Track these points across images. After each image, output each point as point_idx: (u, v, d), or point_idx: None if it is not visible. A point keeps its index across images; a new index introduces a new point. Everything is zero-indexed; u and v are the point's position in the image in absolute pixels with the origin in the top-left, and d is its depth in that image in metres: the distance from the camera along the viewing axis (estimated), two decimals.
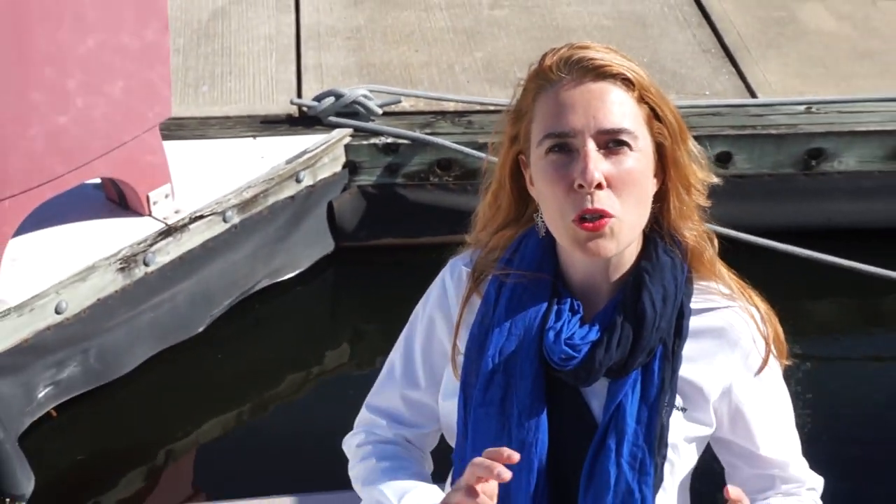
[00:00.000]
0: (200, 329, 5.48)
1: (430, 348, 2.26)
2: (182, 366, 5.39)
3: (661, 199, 2.07)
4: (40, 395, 5.00)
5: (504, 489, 2.04)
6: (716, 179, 2.11)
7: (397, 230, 5.80)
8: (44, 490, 4.78)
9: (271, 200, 5.61)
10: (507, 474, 1.86)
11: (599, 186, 1.93)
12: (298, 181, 5.69)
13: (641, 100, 1.98)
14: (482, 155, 5.55)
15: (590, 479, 2.03)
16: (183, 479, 5.19)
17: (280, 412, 5.36)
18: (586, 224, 1.95)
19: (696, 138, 2.07)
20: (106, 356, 5.16)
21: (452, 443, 2.23)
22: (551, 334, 2.03)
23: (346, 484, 4.11)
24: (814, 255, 5.50)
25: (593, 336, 2.02)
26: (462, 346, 2.15)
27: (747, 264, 2.30)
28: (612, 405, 2.03)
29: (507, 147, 2.09)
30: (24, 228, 4.95)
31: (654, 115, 2.00)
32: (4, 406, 4.80)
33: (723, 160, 5.84)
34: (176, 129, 5.74)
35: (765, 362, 2.11)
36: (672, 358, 2.04)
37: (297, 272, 5.84)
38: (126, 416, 5.22)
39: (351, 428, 2.53)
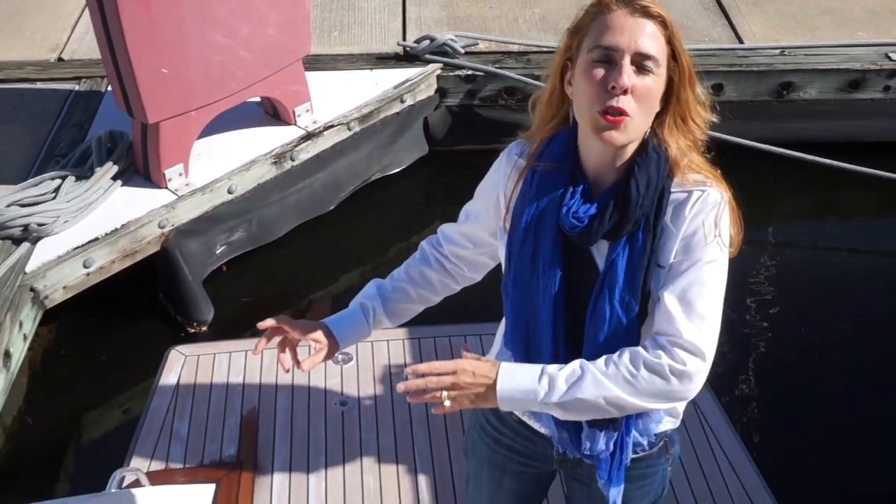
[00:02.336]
0: (331, 207, 5.51)
1: (485, 202, 2.28)
2: (318, 234, 5.42)
3: (659, 118, 2.04)
4: (217, 252, 5.10)
5: (534, 318, 2.11)
6: (715, 119, 2.07)
7: (475, 138, 5.73)
8: (219, 321, 4.88)
9: (382, 115, 5.62)
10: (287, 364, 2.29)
11: (625, 92, 1.93)
12: (402, 101, 5.70)
13: (668, 41, 1.97)
14: (538, 83, 5.52)
15: (592, 313, 2.05)
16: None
17: (389, 270, 5.30)
18: (608, 117, 1.94)
19: (696, 73, 2.03)
20: (264, 225, 5.23)
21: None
22: (564, 209, 2.05)
23: (436, 320, 4.20)
24: (785, 152, 5.51)
25: (592, 211, 2.03)
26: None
27: (734, 165, 2.26)
28: (607, 261, 2.04)
29: (562, 53, 2.07)
30: (206, 132, 4.99)
31: (673, 56, 1.98)
32: (193, 258, 4.92)
33: (716, 90, 5.78)
34: (314, 63, 5.73)
35: (710, 238, 2.01)
36: (652, 228, 2.02)
37: (401, 168, 5.85)
38: (277, 270, 5.25)
39: None
